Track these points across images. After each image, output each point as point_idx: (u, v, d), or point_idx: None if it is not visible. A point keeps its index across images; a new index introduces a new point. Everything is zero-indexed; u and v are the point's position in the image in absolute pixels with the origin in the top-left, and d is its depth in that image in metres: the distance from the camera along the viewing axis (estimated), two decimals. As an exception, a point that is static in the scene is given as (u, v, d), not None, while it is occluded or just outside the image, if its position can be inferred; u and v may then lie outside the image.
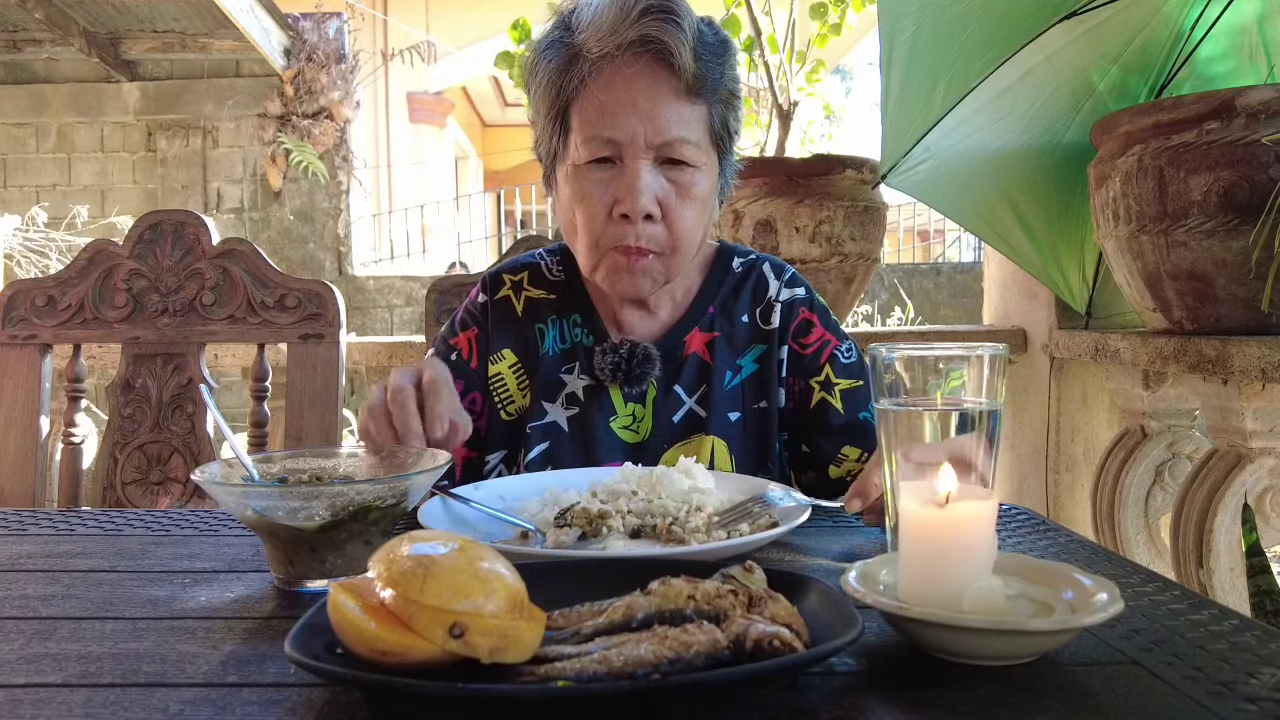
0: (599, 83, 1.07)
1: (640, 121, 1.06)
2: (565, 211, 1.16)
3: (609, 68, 1.07)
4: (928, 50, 1.93)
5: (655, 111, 1.07)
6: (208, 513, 1.05)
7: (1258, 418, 1.64)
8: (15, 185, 7.56)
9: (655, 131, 1.07)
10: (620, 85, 1.07)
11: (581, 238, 1.13)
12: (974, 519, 0.59)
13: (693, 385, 1.20)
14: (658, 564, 0.72)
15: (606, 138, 1.07)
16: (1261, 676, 0.54)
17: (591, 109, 1.08)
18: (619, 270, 1.12)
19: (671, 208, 1.10)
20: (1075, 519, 2.35)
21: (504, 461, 1.22)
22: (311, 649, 0.52)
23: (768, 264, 1.27)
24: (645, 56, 1.06)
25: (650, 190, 1.08)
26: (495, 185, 12.76)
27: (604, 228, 1.10)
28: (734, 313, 1.23)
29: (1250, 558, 1.19)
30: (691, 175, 1.10)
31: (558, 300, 1.24)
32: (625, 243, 1.09)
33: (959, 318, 6.87)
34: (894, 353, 0.72)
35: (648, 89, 1.07)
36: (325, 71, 7.41)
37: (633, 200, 1.07)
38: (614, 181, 1.09)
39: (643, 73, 1.07)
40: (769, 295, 1.24)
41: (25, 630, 0.65)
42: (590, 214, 1.10)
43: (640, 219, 1.08)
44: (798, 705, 0.51)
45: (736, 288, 1.24)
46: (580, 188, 1.11)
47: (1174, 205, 1.65)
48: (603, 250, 1.12)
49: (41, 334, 1.53)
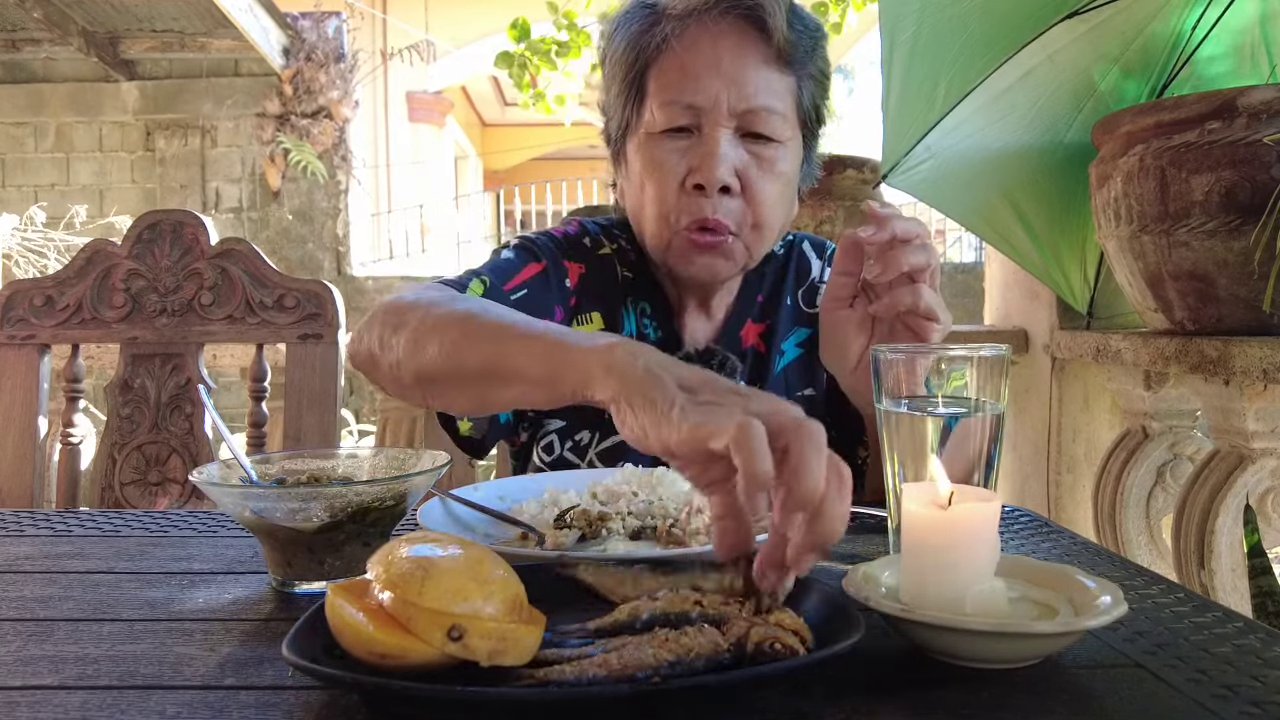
0: (683, 42, 0.99)
1: (724, 84, 0.98)
2: (635, 187, 1.07)
3: (695, 25, 0.99)
4: (929, 50, 1.93)
5: (741, 75, 0.98)
6: (206, 514, 1.04)
7: (1259, 418, 1.64)
8: (13, 185, 7.56)
9: (740, 97, 0.98)
10: (706, 45, 0.99)
11: (650, 212, 1.04)
12: (976, 521, 0.59)
13: (750, 379, 1.14)
14: (658, 565, 0.72)
15: (687, 102, 0.99)
16: (1266, 680, 0.54)
17: (673, 70, 1.00)
18: (691, 250, 1.02)
19: (752, 181, 1.01)
20: (1077, 520, 2.35)
21: (559, 434, 1.12)
22: (309, 651, 0.51)
23: (807, 242, 1.21)
24: (733, 16, 0.99)
25: (729, 160, 0.99)
26: (495, 185, 12.75)
27: (676, 200, 1.01)
28: (780, 296, 1.16)
29: (1252, 559, 1.18)
30: (775, 150, 1.02)
31: (635, 283, 1.13)
32: (701, 214, 1.00)
33: (960, 318, 6.84)
34: (895, 353, 0.72)
35: (734, 50, 0.99)
36: (324, 71, 7.41)
37: (710, 169, 0.98)
38: (691, 150, 1.00)
39: (729, 32, 0.99)
40: (811, 276, 1.18)
41: (22, 632, 0.64)
42: (662, 185, 1.02)
43: (716, 191, 0.99)
44: (799, 708, 0.51)
45: (781, 270, 1.18)
46: (653, 156, 1.02)
47: (1175, 205, 1.65)
48: (674, 227, 1.02)
49: (39, 334, 1.52)
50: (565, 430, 1.13)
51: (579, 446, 1.12)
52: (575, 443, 1.13)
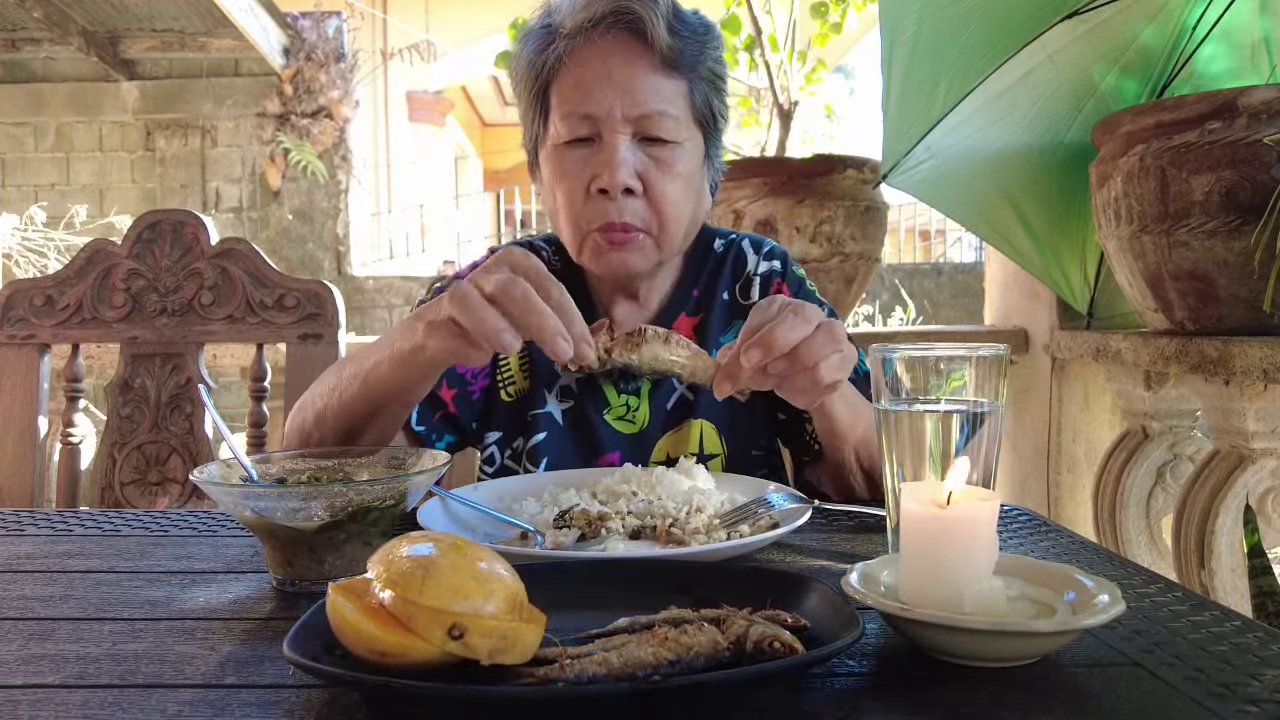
0: (575, 59, 1.07)
1: (616, 94, 1.05)
2: (549, 195, 1.15)
3: (584, 43, 1.06)
4: (929, 49, 1.93)
5: (631, 85, 1.05)
6: (206, 513, 1.04)
7: (1259, 418, 1.64)
8: (14, 184, 7.56)
9: (632, 104, 1.05)
10: (596, 60, 1.06)
11: (563, 218, 1.11)
12: (975, 520, 0.59)
13: None
14: (658, 565, 0.72)
15: (584, 113, 1.06)
16: (1263, 678, 0.54)
17: (569, 86, 1.07)
18: (604, 250, 1.10)
19: (653, 182, 1.08)
20: (1076, 520, 2.35)
21: (498, 444, 1.20)
22: (310, 650, 0.51)
23: (747, 240, 1.27)
24: (618, 30, 1.06)
25: (628, 164, 1.06)
26: (495, 185, 12.74)
27: (584, 205, 1.09)
28: (716, 291, 1.22)
29: (1252, 559, 1.19)
30: (672, 151, 1.08)
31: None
32: (608, 218, 1.07)
33: (960, 318, 6.87)
34: (895, 353, 0.72)
35: (622, 63, 1.06)
36: (324, 70, 7.41)
37: (611, 174, 1.05)
38: (593, 158, 1.07)
39: (616, 47, 1.06)
40: (747, 270, 1.23)
41: (23, 631, 0.64)
42: (570, 192, 1.09)
43: (619, 193, 1.06)
44: (798, 707, 0.51)
45: (717, 267, 1.24)
46: (560, 167, 1.10)
47: (1176, 205, 1.65)
48: (585, 230, 1.10)
49: (40, 334, 1.52)
50: (503, 440, 1.20)
51: (516, 453, 1.19)
52: (513, 450, 1.19)
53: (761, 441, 1.20)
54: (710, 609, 0.57)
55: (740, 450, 1.18)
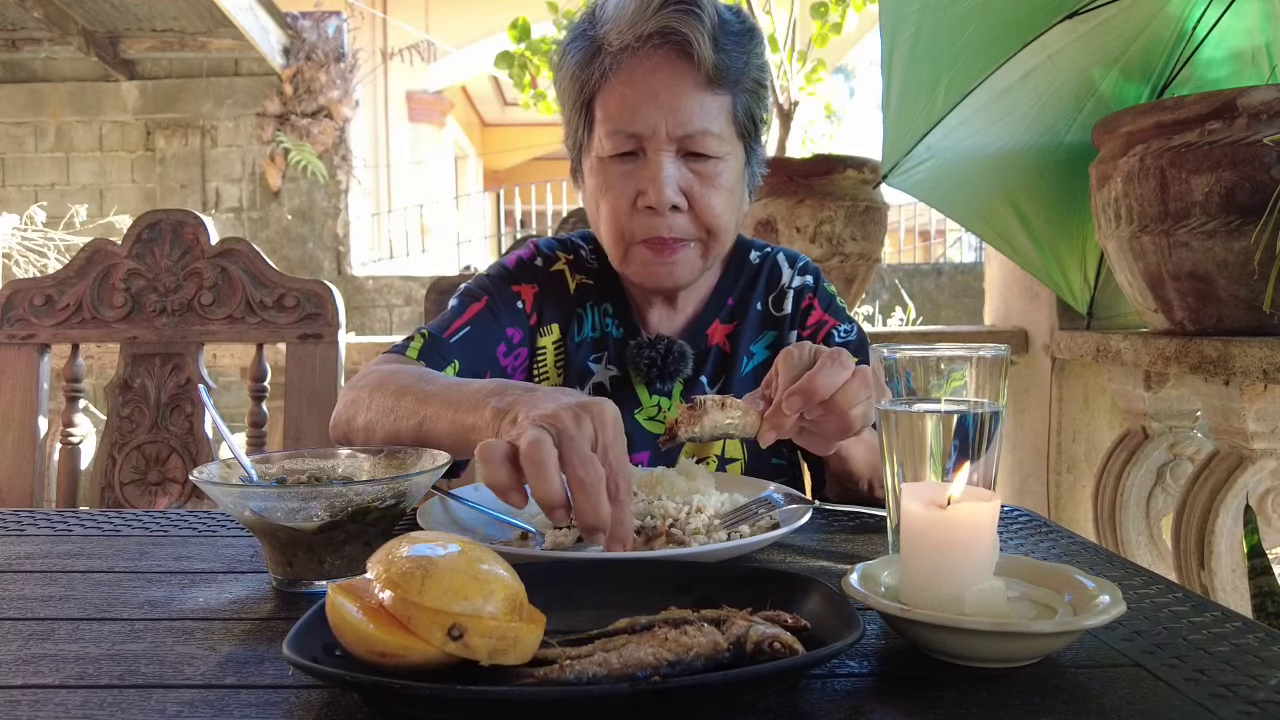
0: (620, 76, 1.08)
1: (661, 114, 1.06)
2: (591, 204, 1.17)
3: (630, 60, 1.07)
4: (929, 50, 1.93)
5: (676, 104, 1.07)
6: (206, 513, 1.04)
7: (1259, 419, 1.64)
8: (14, 184, 7.56)
9: (676, 124, 1.07)
10: (641, 78, 1.07)
11: (607, 230, 1.14)
12: (976, 520, 0.59)
13: (715, 376, 1.22)
14: (658, 565, 0.72)
15: (629, 131, 1.08)
16: (1264, 679, 0.54)
17: (614, 102, 1.09)
18: (650, 262, 1.12)
19: (698, 197, 1.10)
20: (1077, 520, 2.35)
21: None
22: (310, 650, 0.51)
23: (782, 254, 1.29)
24: (665, 48, 1.06)
25: (673, 181, 1.08)
26: (495, 185, 12.75)
27: (629, 220, 1.11)
28: (750, 301, 1.24)
29: (1252, 559, 1.19)
30: (715, 166, 1.10)
31: (594, 287, 1.24)
32: (657, 234, 1.10)
33: (960, 318, 6.86)
34: (895, 353, 0.72)
35: (668, 81, 1.07)
36: (324, 70, 7.40)
37: (657, 192, 1.07)
38: (637, 173, 1.09)
39: (663, 65, 1.07)
40: (782, 283, 1.25)
41: (23, 631, 0.64)
42: (615, 206, 1.11)
43: (667, 210, 1.08)
44: (798, 707, 0.51)
45: (753, 278, 1.26)
46: (605, 180, 1.12)
47: (1176, 205, 1.65)
48: (629, 243, 1.12)
49: (40, 333, 1.52)
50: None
51: None
52: None
53: (783, 450, 1.21)
54: (710, 609, 0.57)
55: (761, 457, 1.19)
